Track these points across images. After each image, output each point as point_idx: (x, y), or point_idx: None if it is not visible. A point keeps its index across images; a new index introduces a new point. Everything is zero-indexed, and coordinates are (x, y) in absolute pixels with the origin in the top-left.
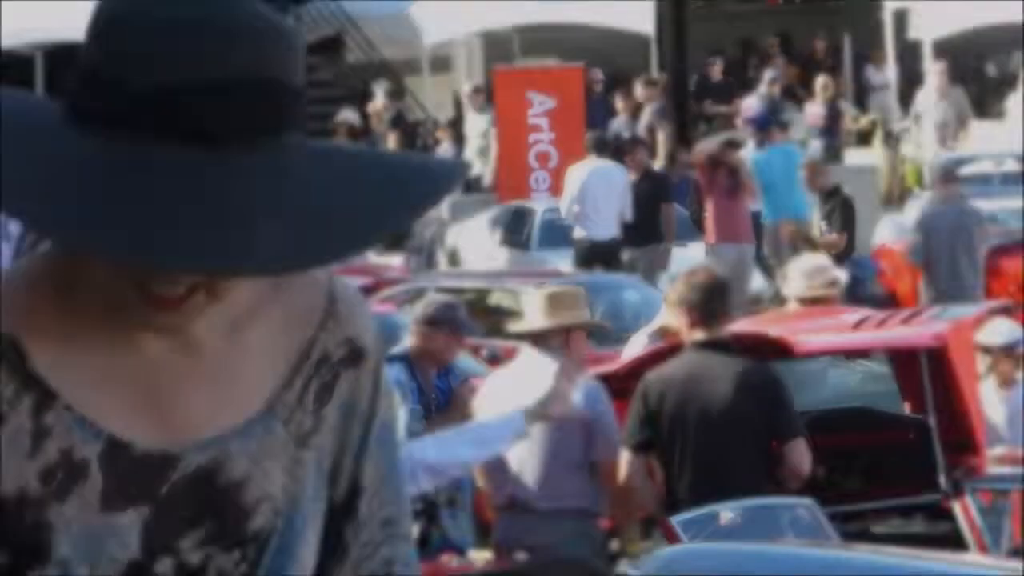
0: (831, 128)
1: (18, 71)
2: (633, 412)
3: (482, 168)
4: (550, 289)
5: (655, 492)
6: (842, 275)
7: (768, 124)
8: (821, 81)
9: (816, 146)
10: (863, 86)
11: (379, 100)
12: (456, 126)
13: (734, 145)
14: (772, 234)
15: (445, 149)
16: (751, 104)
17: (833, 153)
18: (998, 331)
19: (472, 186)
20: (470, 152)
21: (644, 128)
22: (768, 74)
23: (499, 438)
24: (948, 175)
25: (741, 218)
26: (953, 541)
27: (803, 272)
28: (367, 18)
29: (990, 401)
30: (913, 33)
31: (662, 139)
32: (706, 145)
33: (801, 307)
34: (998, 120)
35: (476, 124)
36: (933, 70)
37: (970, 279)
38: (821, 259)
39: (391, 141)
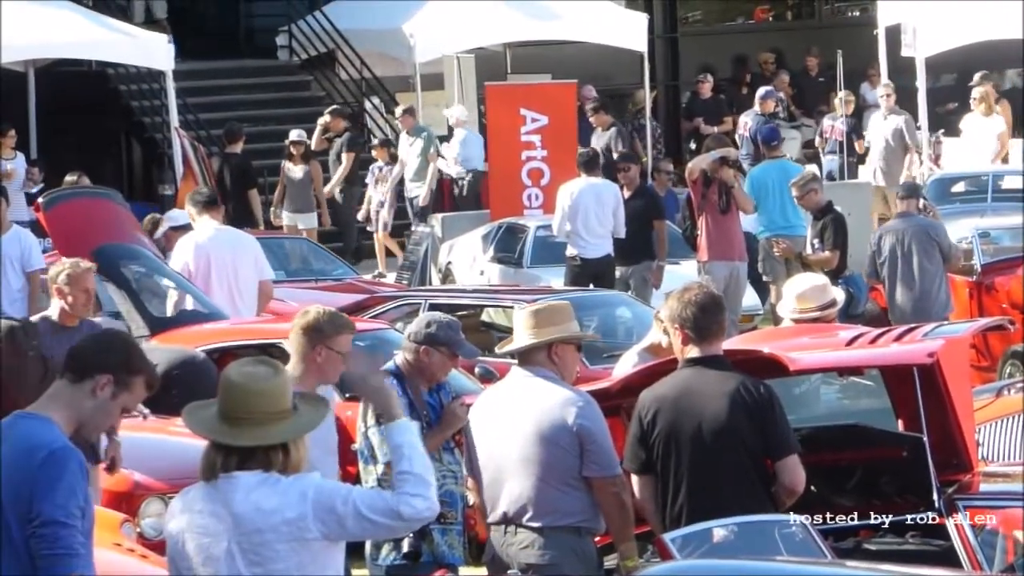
0: (847, 144)
1: (9, 86)
2: (631, 432)
3: (418, 190)
4: (533, 306)
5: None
6: (840, 295)
7: (766, 140)
8: (842, 95)
9: (833, 160)
10: (858, 104)
11: (326, 118)
12: (387, 146)
13: (727, 162)
14: (766, 250)
15: (379, 172)
16: (745, 121)
17: (850, 169)
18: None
19: (401, 213)
20: (408, 173)
21: (602, 148)
22: (761, 91)
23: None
24: (909, 191)
25: (734, 235)
26: (947, 558)
27: (797, 294)
28: (359, 35)
29: None
30: (906, 52)
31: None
32: (699, 162)
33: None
34: None
35: (408, 146)
36: (881, 93)
37: (935, 295)
38: (819, 279)
39: (346, 160)
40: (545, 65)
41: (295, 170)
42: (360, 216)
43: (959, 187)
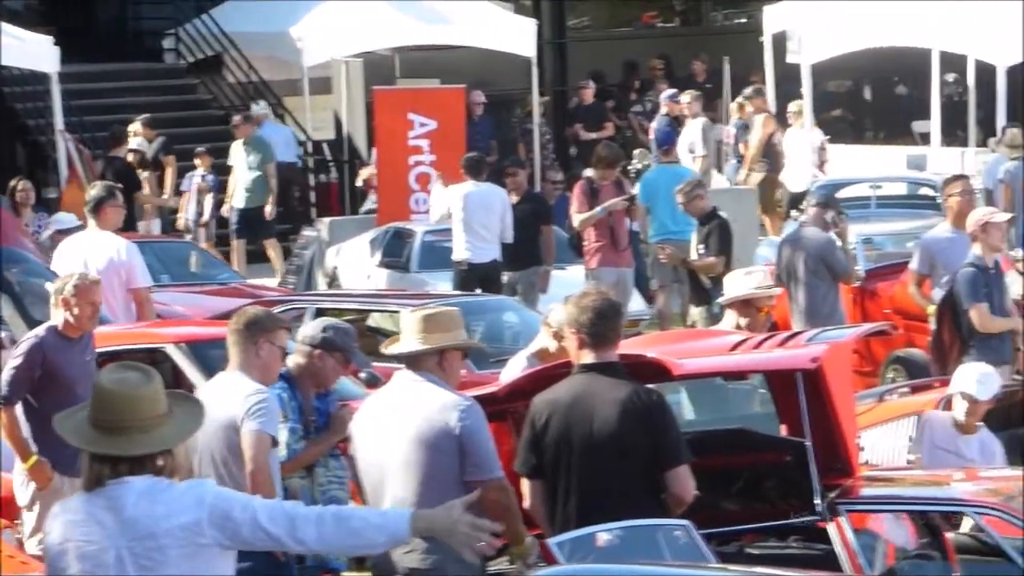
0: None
1: None
2: (523, 436)
3: (251, 202)
4: (425, 311)
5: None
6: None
7: (660, 145)
8: (739, 100)
9: (733, 166)
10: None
11: (136, 126)
12: (213, 154)
13: (612, 166)
14: (653, 255)
15: (201, 180)
16: (651, 125)
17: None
18: None
19: (248, 227)
20: (241, 183)
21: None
22: (666, 93)
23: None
24: (821, 200)
25: (620, 242)
26: (828, 562)
27: (743, 273)
28: (247, 38)
29: None
30: (791, 58)
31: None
32: (587, 220)
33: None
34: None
35: (240, 156)
36: (686, 99)
37: (822, 311)
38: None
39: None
40: (434, 70)
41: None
42: (180, 226)
43: (843, 193)
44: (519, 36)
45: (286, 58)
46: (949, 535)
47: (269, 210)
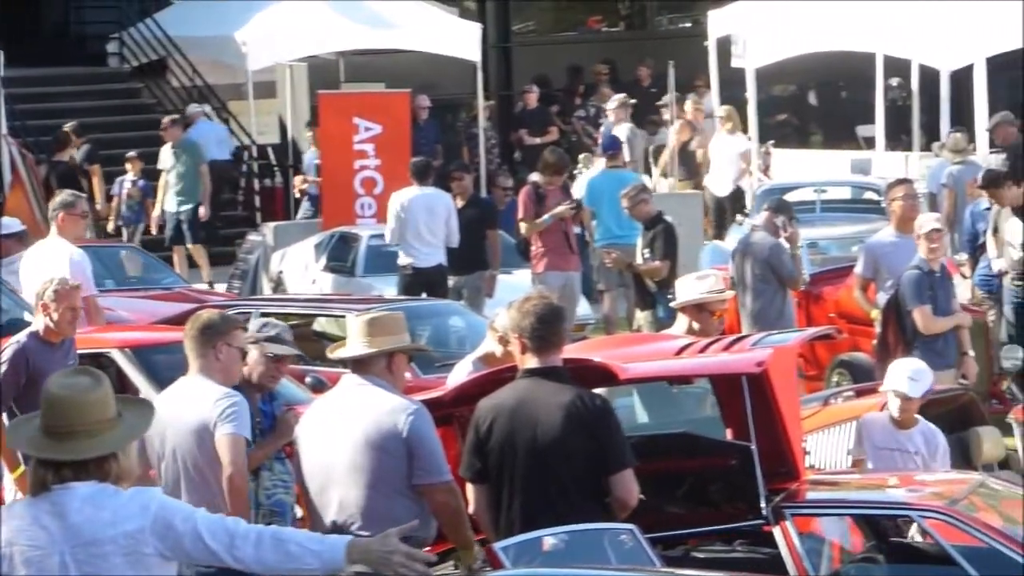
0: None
1: None
2: (468, 441)
3: (184, 206)
4: (370, 315)
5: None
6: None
7: (605, 150)
8: (686, 105)
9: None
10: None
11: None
12: (144, 158)
13: (559, 171)
14: (599, 259)
15: (131, 185)
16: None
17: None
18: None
19: (181, 231)
20: (172, 187)
21: None
22: (615, 99)
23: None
24: (774, 206)
25: (569, 246)
26: (774, 566)
27: (696, 277)
28: (191, 43)
29: None
30: (736, 62)
31: None
32: (534, 227)
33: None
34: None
35: (170, 160)
36: (612, 105)
37: (778, 306)
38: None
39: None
40: (379, 74)
41: None
42: (111, 230)
43: (788, 197)
44: (464, 40)
45: (230, 62)
46: (895, 539)
47: (203, 211)
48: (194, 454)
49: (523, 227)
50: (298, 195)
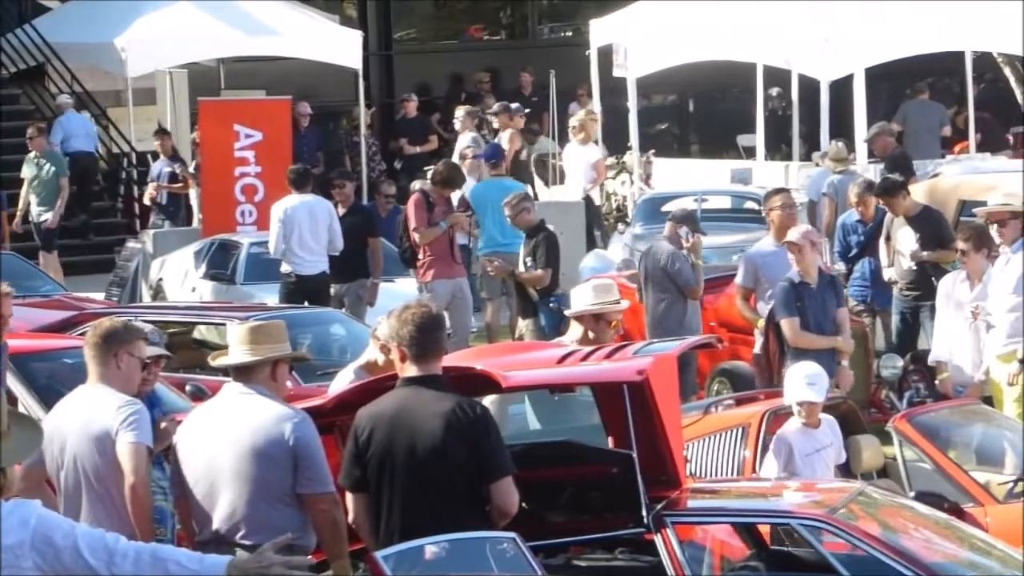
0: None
1: None
2: (347, 450)
3: (47, 214)
4: (252, 323)
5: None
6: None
7: (488, 159)
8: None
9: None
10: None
11: None
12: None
13: (451, 189)
14: (481, 267)
15: None
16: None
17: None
18: None
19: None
20: (35, 196)
21: None
22: (495, 108)
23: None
24: (678, 217)
25: (453, 254)
26: (655, 574)
27: (592, 287)
28: (70, 49)
29: None
30: (617, 72)
31: None
32: (429, 235)
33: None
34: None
35: (33, 170)
36: (459, 114)
37: (677, 314)
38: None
39: None
40: (259, 81)
41: None
42: None
43: (669, 207)
44: (345, 48)
45: (110, 68)
46: (775, 547)
47: (51, 219)
48: (95, 462)
49: (417, 236)
50: (149, 203)
